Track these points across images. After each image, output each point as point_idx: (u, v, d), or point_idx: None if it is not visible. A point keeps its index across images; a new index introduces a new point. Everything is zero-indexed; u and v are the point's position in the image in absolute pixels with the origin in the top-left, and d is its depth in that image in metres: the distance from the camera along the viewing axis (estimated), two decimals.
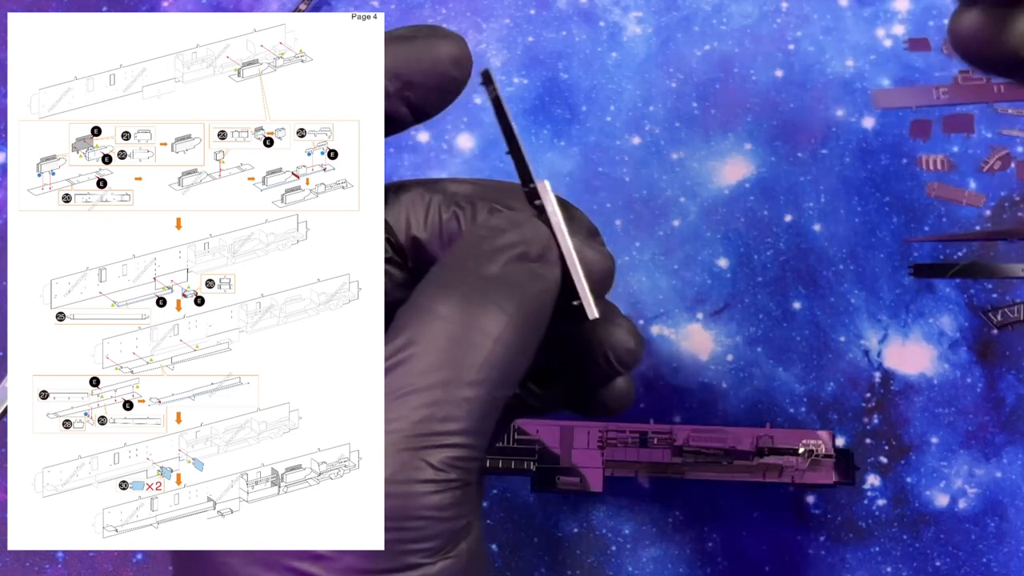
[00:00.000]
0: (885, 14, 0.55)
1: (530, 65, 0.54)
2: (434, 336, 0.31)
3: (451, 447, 0.30)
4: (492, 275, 0.32)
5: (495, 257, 0.32)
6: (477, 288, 0.32)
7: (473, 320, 0.31)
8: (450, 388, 0.30)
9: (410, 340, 0.31)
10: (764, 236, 0.51)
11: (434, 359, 0.31)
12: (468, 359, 0.31)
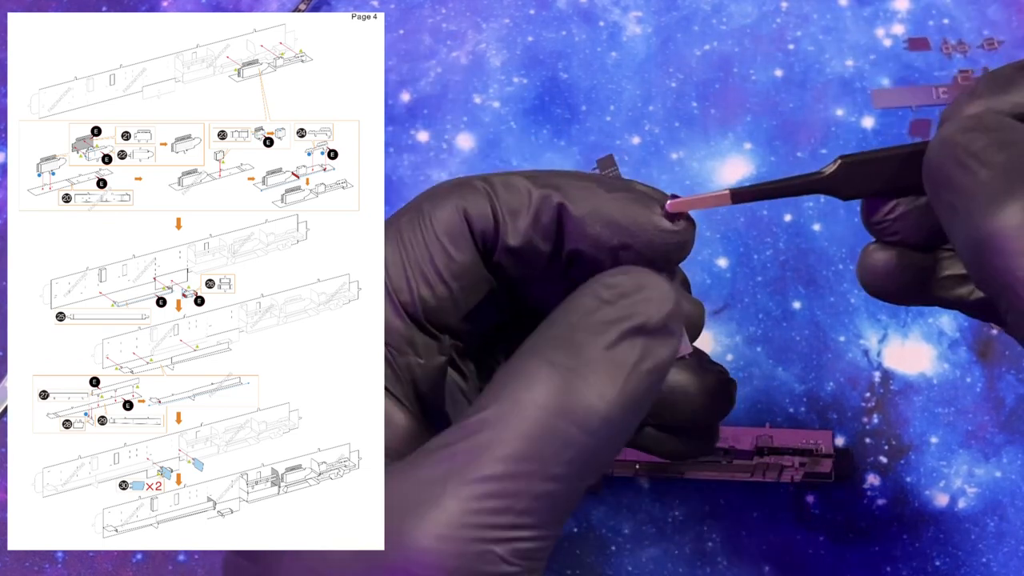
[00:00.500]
0: (885, 14, 0.55)
1: (530, 65, 0.54)
2: (524, 421, 0.28)
3: (525, 540, 0.28)
4: (598, 356, 0.29)
5: (606, 331, 0.30)
6: (578, 371, 0.29)
7: (568, 409, 0.29)
8: (532, 481, 0.28)
9: (500, 419, 0.29)
10: (764, 236, 0.51)
11: (520, 447, 0.28)
12: (556, 453, 0.28)
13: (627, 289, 0.30)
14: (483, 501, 0.28)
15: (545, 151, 0.53)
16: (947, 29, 0.54)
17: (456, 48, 0.55)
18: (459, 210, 0.34)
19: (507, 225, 0.34)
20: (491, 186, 0.34)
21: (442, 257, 0.34)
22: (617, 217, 0.33)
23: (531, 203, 0.34)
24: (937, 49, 0.54)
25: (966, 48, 0.54)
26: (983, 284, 0.30)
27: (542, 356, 0.29)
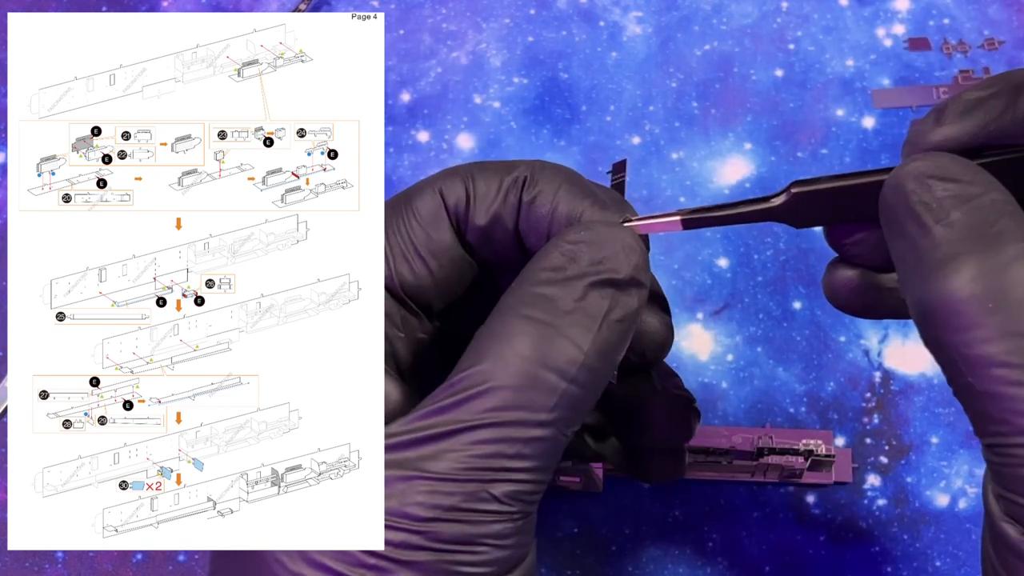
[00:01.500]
0: (885, 14, 0.55)
1: (530, 65, 0.54)
2: (509, 373, 0.31)
3: (516, 482, 0.31)
4: (570, 308, 0.31)
5: (574, 284, 0.32)
6: (554, 324, 0.31)
7: (549, 359, 0.31)
8: (521, 427, 0.31)
9: (486, 374, 0.31)
10: (764, 236, 0.51)
11: (507, 397, 0.31)
12: (541, 400, 0.31)
13: (592, 243, 0.32)
14: (477, 447, 0.30)
15: (545, 151, 0.53)
16: (947, 29, 0.54)
17: (456, 48, 0.55)
18: (436, 192, 0.35)
19: (476, 204, 0.35)
20: (470, 170, 0.36)
21: (421, 236, 0.35)
22: (565, 210, 0.34)
23: (501, 184, 0.35)
24: (937, 49, 0.54)
25: (966, 48, 0.54)
26: (928, 346, 0.30)
27: (518, 312, 0.31)
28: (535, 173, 0.35)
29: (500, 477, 0.30)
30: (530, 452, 0.31)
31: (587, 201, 0.34)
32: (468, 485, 0.30)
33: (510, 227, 0.35)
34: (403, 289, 0.35)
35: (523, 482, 0.31)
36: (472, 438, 0.30)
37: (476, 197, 0.35)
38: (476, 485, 0.30)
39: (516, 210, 0.35)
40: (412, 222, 0.35)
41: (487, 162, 0.36)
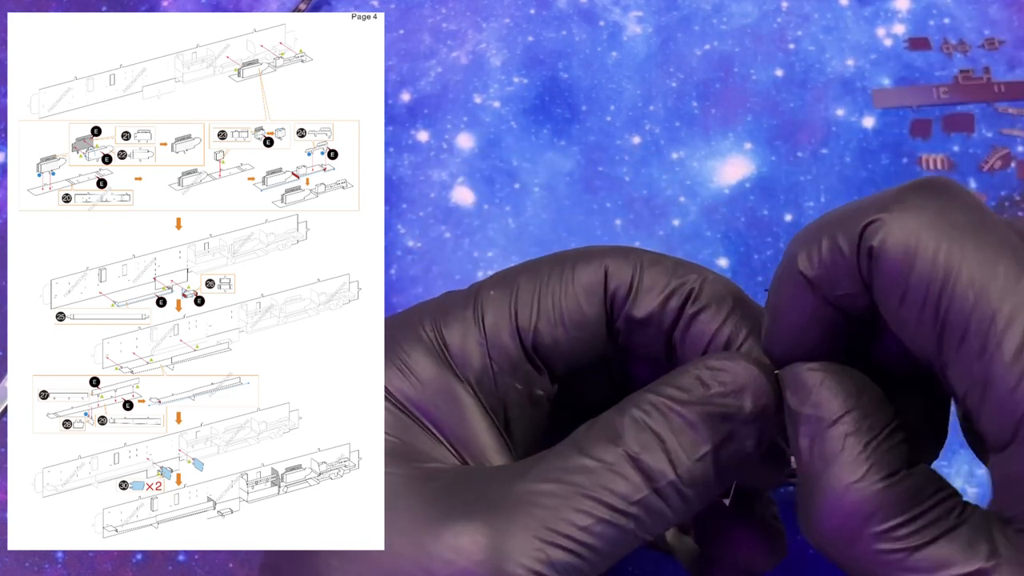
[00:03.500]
0: (885, 13, 0.55)
1: (530, 65, 0.54)
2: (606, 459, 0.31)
3: (573, 554, 0.30)
4: (680, 428, 0.32)
5: (694, 408, 0.32)
6: (661, 436, 0.31)
7: (643, 463, 0.31)
8: (598, 505, 0.31)
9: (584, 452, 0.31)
10: (764, 236, 0.51)
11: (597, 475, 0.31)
12: (625, 491, 0.31)
13: (728, 377, 0.32)
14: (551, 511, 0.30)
15: (545, 151, 0.53)
16: (948, 29, 0.54)
17: (456, 48, 0.55)
18: (602, 267, 0.35)
19: (638, 297, 0.35)
20: (641, 258, 0.36)
21: (572, 303, 0.35)
22: (726, 335, 0.34)
23: (668, 285, 0.35)
24: (938, 49, 0.54)
25: (967, 48, 0.54)
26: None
27: (632, 414, 0.32)
28: (705, 286, 0.35)
29: (560, 543, 0.30)
30: (599, 531, 0.31)
31: (746, 330, 0.34)
32: (528, 540, 0.30)
33: (662, 329, 0.35)
34: (535, 348, 0.35)
35: (579, 557, 0.30)
36: (547, 500, 0.30)
37: (639, 290, 0.35)
38: (536, 542, 0.30)
39: (675, 317, 0.35)
40: (568, 288, 0.35)
41: (662, 257, 0.36)
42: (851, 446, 0.30)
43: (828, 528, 0.30)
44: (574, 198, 0.51)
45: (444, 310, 0.35)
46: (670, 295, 0.35)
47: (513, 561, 0.30)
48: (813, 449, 0.31)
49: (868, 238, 0.30)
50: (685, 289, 0.35)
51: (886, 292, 0.30)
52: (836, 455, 0.30)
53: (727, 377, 0.32)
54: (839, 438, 0.30)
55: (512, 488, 0.31)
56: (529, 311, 0.35)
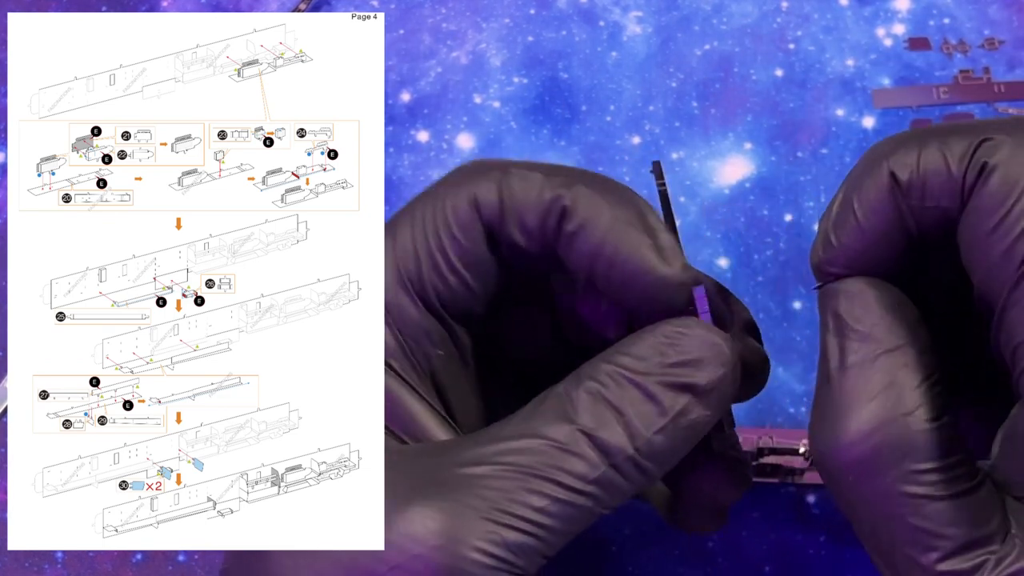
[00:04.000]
0: (885, 13, 0.55)
1: (530, 65, 0.54)
2: (560, 435, 0.30)
3: (529, 535, 0.30)
4: (638, 400, 0.31)
5: (652, 379, 0.31)
6: (619, 408, 0.31)
7: (600, 439, 0.31)
8: (554, 486, 0.30)
9: (538, 429, 0.31)
10: (764, 236, 0.51)
11: (551, 455, 0.30)
12: (581, 470, 0.30)
13: (688, 345, 0.31)
14: (503, 492, 0.30)
15: (545, 151, 0.53)
16: (948, 29, 0.54)
17: (456, 48, 0.55)
18: (471, 198, 0.34)
19: (511, 221, 0.33)
20: (506, 176, 0.34)
21: (453, 245, 0.33)
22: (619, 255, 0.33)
23: (541, 202, 0.33)
24: (937, 49, 0.54)
25: (967, 48, 0.54)
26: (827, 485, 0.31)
27: (588, 387, 0.31)
28: (578, 200, 0.33)
29: (514, 524, 0.30)
30: (554, 511, 0.30)
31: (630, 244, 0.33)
32: (480, 522, 0.30)
33: (548, 248, 0.34)
34: (440, 303, 0.34)
35: (535, 537, 0.30)
36: (500, 481, 0.30)
37: (510, 212, 0.33)
38: (489, 524, 0.30)
39: (556, 234, 0.33)
40: (445, 229, 0.34)
41: (525, 169, 0.34)
42: (906, 379, 0.30)
43: (859, 452, 0.29)
44: None
45: None
46: (545, 214, 0.33)
47: (467, 544, 0.29)
48: (862, 371, 0.30)
49: (983, 154, 0.29)
50: (557, 206, 0.33)
51: (983, 213, 0.29)
52: (890, 384, 0.30)
53: (686, 345, 0.31)
54: (895, 368, 0.30)
55: (463, 469, 0.30)
56: (417, 271, 0.34)
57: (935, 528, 0.29)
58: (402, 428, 0.33)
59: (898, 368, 0.30)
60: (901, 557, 0.29)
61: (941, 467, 0.29)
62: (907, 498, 0.29)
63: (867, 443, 0.29)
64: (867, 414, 0.29)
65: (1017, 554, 0.28)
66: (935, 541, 0.29)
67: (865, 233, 0.31)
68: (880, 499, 0.29)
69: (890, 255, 0.31)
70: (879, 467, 0.29)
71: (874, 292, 0.31)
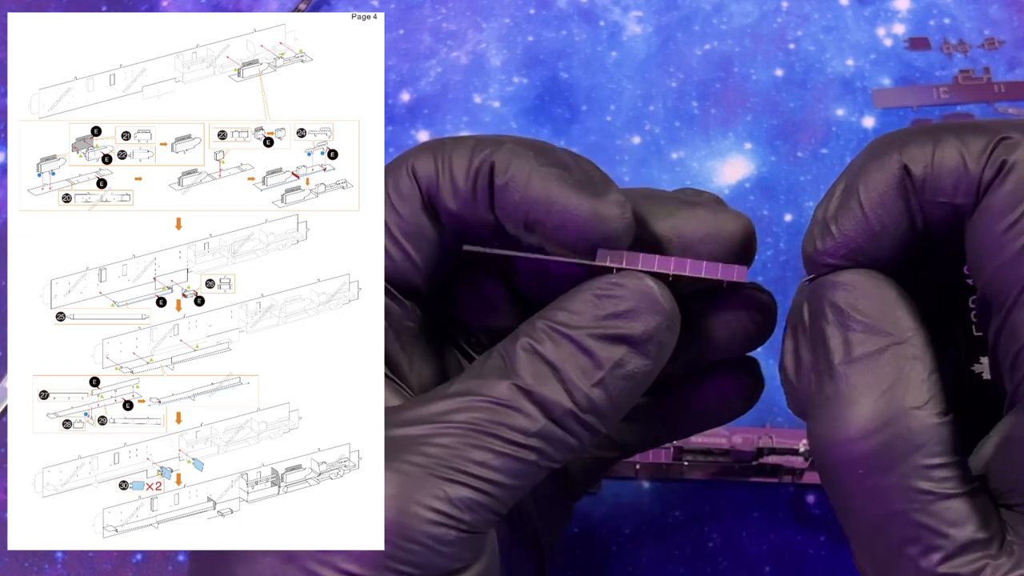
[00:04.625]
0: (885, 13, 0.55)
1: (530, 65, 0.54)
2: (498, 391, 0.31)
3: (474, 489, 0.30)
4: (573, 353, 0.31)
5: (587, 331, 0.31)
6: (556, 364, 0.31)
7: (537, 394, 0.31)
8: (494, 439, 0.30)
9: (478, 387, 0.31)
10: (764, 236, 0.51)
11: (490, 412, 0.31)
12: (521, 424, 0.31)
13: (621, 293, 0.31)
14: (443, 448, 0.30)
15: None
16: (948, 28, 0.54)
17: (456, 48, 0.55)
18: (409, 169, 0.34)
19: (445, 186, 0.33)
20: (441, 146, 0.34)
21: (393, 217, 0.34)
22: (540, 198, 0.32)
23: (470, 167, 0.33)
24: (938, 49, 0.54)
25: (967, 48, 0.54)
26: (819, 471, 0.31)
27: (525, 344, 0.31)
28: (502, 155, 0.33)
29: (459, 479, 0.30)
30: (498, 465, 0.30)
31: (559, 185, 0.32)
32: (425, 478, 0.30)
33: (484, 212, 0.33)
34: (386, 278, 0.34)
35: (481, 492, 0.30)
36: (443, 439, 0.30)
37: (444, 180, 0.33)
38: (433, 480, 0.30)
39: (488, 195, 0.33)
40: (386, 202, 0.34)
41: (460, 139, 0.34)
42: (914, 372, 0.29)
43: (868, 446, 0.29)
44: None
45: None
46: (475, 176, 0.33)
47: (415, 502, 0.29)
48: (870, 363, 0.29)
49: (1002, 152, 0.29)
50: (485, 164, 0.33)
51: (998, 211, 0.29)
52: (899, 377, 0.29)
53: (619, 293, 0.31)
54: (904, 361, 0.29)
55: (407, 429, 0.31)
56: None
57: (940, 526, 0.28)
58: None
59: (907, 360, 0.29)
60: (901, 558, 0.29)
61: (950, 463, 0.29)
62: (915, 494, 0.29)
63: (877, 437, 0.29)
64: (877, 407, 0.29)
65: (1016, 561, 0.28)
66: (939, 540, 0.28)
67: (870, 225, 0.31)
68: (886, 495, 0.29)
69: (892, 249, 0.31)
70: (888, 462, 0.29)
71: (877, 283, 0.30)
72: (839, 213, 0.31)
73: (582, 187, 0.32)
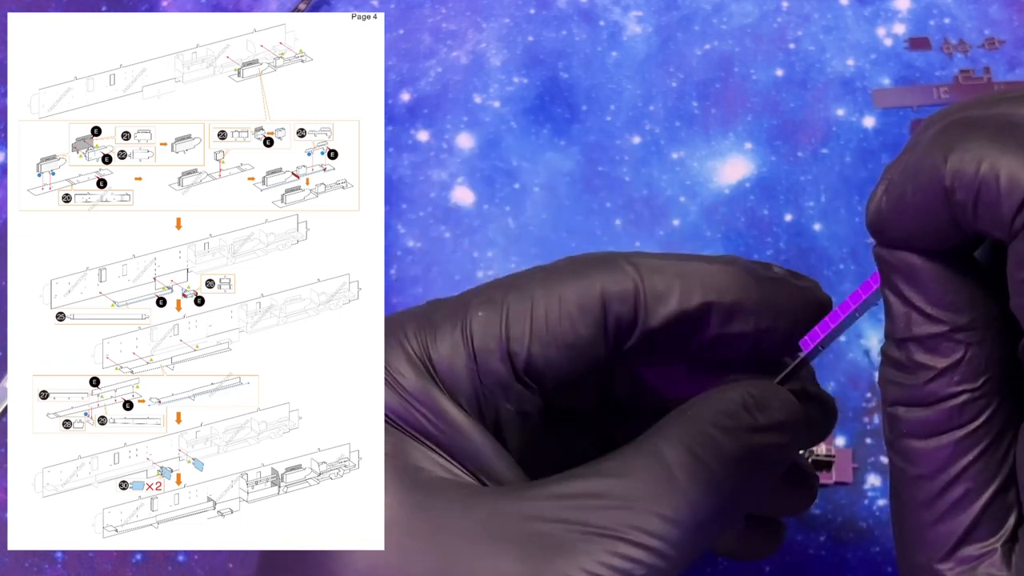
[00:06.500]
0: (886, 13, 0.55)
1: (530, 65, 0.54)
2: (665, 502, 0.31)
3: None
4: (733, 459, 0.32)
5: (741, 435, 0.32)
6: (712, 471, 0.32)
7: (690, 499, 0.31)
8: (653, 554, 0.31)
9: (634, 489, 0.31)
10: (764, 236, 0.51)
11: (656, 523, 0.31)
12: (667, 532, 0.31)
13: (764, 401, 0.33)
14: (611, 558, 0.30)
15: (545, 151, 0.53)
16: (948, 28, 0.54)
17: (456, 48, 0.55)
18: (597, 287, 0.34)
19: (649, 309, 0.34)
20: (638, 269, 0.34)
21: (566, 325, 0.34)
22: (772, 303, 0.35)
23: (679, 289, 0.34)
24: (938, 49, 0.54)
25: (967, 48, 0.54)
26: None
27: (685, 444, 0.32)
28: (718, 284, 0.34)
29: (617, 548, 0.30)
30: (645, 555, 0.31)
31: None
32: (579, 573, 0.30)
33: (686, 333, 0.35)
34: (526, 371, 0.34)
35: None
36: (613, 548, 0.30)
37: (648, 300, 0.34)
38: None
39: (696, 313, 0.34)
40: (562, 309, 0.34)
41: (658, 261, 0.35)
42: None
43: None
44: (574, 198, 0.51)
45: (431, 324, 0.34)
46: (684, 296, 0.34)
47: None
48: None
49: None
50: (698, 293, 0.34)
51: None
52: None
53: (765, 400, 0.33)
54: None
55: (555, 516, 0.31)
56: (521, 334, 0.34)
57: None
58: (468, 458, 0.33)
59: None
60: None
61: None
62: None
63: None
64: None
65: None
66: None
67: (918, 219, 0.30)
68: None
69: (940, 243, 0.30)
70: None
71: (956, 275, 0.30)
72: (888, 217, 0.30)
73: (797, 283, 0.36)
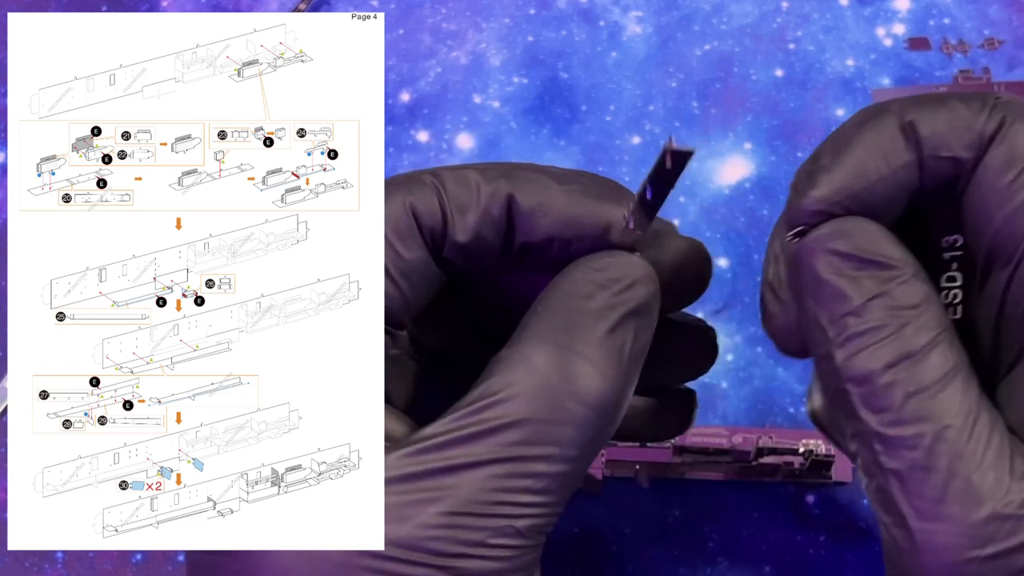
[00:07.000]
0: (885, 13, 0.55)
1: (530, 65, 0.54)
2: (539, 405, 0.30)
3: (538, 516, 0.30)
4: (601, 340, 0.31)
5: (606, 315, 0.31)
6: (585, 354, 0.30)
7: (580, 393, 0.30)
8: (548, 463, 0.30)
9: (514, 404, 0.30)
10: (764, 236, 0.51)
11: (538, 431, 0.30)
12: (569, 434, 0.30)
13: (617, 273, 0.32)
14: (502, 480, 0.29)
15: (545, 151, 0.53)
16: (947, 29, 0.54)
17: (456, 48, 0.55)
18: (407, 206, 0.33)
19: (455, 221, 0.33)
20: (440, 180, 0.34)
21: (390, 255, 0.33)
22: (566, 210, 0.33)
23: (480, 197, 0.33)
24: (937, 49, 0.54)
25: (966, 48, 0.54)
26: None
27: (547, 339, 0.31)
28: (521, 185, 0.33)
29: (525, 513, 0.30)
30: (555, 487, 0.30)
31: (586, 200, 0.33)
32: (494, 520, 0.29)
33: (494, 242, 0.34)
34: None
35: (545, 516, 0.30)
36: (497, 471, 0.29)
37: (454, 213, 0.33)
38: (503, 521, 0.29)
39: (501, 221, 0.33)
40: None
41: (457, 172, 0.34)
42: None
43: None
44: None
45: None
46: (487, 206, 0.33)
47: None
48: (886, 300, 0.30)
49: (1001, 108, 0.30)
50: (500, 194, 0.33)
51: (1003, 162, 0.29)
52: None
53: (618, 272, 0.32)
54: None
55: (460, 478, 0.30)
56: None
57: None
58: None
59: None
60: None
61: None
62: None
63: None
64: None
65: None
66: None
67: (866, 173, 0.30)
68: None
69: (884, 200, 0.31)
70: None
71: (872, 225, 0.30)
72: (834, 164, 0.31)
73: (606, 198, 0.33)
